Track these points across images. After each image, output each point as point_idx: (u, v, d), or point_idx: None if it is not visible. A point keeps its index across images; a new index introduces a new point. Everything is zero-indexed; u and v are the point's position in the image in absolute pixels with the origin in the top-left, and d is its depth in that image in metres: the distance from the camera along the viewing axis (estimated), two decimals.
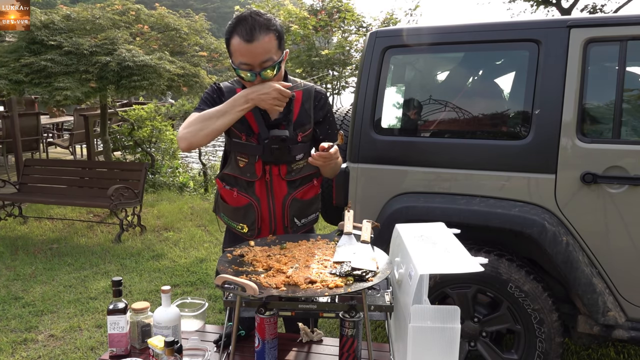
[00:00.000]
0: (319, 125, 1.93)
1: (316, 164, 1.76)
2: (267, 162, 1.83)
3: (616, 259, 2.25)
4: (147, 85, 5.38)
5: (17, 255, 4.71)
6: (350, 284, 1.35)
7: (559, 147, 2.28)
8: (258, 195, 1.86)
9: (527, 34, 2.37)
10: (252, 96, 1.68)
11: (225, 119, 1.70)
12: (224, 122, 1.70)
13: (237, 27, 1.66)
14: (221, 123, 1.70)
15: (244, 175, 1.86)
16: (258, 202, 1.86)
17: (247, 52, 1.65)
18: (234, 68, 1.72)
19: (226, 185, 1.91)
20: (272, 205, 1.87)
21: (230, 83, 1.89)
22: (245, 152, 1.84)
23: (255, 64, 1.67)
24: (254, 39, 1.63)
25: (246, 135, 1.82)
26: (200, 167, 8.49)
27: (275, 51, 1.69)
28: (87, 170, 6.35)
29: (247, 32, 1.63)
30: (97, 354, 3.04)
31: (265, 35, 1.65)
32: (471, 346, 2.47)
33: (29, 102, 10.49)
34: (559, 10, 13.92)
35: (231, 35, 1.68)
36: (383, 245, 1.70)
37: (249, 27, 1.64)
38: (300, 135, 1.86)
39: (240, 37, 1.65)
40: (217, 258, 1.66)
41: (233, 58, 1.72)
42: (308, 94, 1.89)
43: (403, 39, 2.59)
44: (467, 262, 1.27)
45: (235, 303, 1.39)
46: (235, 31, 1.67)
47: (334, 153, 1.72)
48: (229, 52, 1.74)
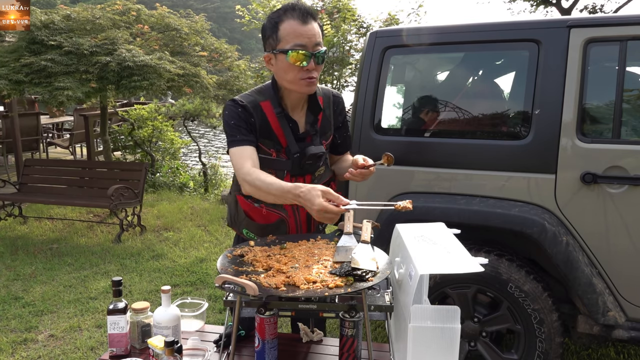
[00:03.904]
0: (338, 130, 1.92)
1: (354, 179, 1.75)
2: (294, 174, 1.80)
3: (616, 259, 2.25)
4: (147, 85, 5.38)
5: (17, 255, 4.71)
6: (350, 284, 1.35)
7: (559, 147, 2.28)
8: (286, 208, 1.82)
9: (527, 34, 2.37)
10: (301, 200, 1.55)
11: (274, 201, 1.67)
12: (273, 201, 1.67)
13: (289, 12, 1.65)
14: (270, 200, 1.68)
15: None
16: (287, 215, 1.83)
17: (304, 32, 1.63)
18: (284, 52, 1.65)
19: (255, 203, 1.81)
20: (298, 215, 1.85)
21: (250, 95, 1.79)
22: (273, 167, 1.78)
23: (310, 46, 1.64)
24: (308, 21, 1.65)
25: (276, 151, 1.78)
26: (200, 167, 8.49)
27: (322, 40, 1.69)
28: (87, 170, 6.35)
29: (302, 14, 1.64)
30: (97, 354, 3.04)
31: (315, 22, 1.67)
32: (471, 346, 2.47)
33: (29, 102, 10.49)
34: (558, 10, 13.93)
35: (281, 20, 1.66)
36: (383, 245, 1.70)
37: (303, 10, 1.65)
38: (324, 143, 1.85)
39: (294, 19, 1.64)
40: (217, 258, 1.65)
41: (283, 42, 1.65)
42: (327, 100, 1.87)
43: (403, 39, 2.59)
44: (467, 262, 1.27)
45: (235, 303, 1.39)
46: (286, 15, 1.65)
47: (374, 170, 1.75)
48: (275, 38, 1.67)
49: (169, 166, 8.45)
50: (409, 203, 1.53)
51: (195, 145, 8.84)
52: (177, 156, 8.86)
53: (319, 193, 1.48)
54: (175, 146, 8.78)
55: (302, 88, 1.70)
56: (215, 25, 34.10)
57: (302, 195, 1.51)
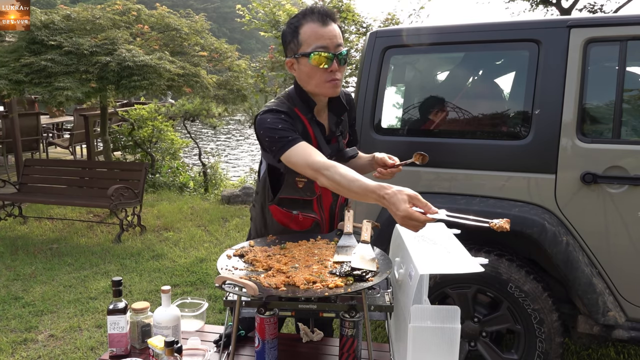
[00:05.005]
0: (351, 127, 1.94)
1: (385, 178, 1.77)
2: None
3: (616, 259, 2.25)
4: (147, 85, 5.38)
5: (17, 255, 4.71)
6: (350, 284, 1.35)
7: (559, 147, 2.28)
8: (315, 211, 1.83)
9: (527, 34, 2.37)
10: (385, 202, 1.42)
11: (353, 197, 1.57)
12: (352, 197, 1.59)
13: (308, 16, 1.65)
14: (349, 197, 1.59)
15: (304, 196, 1.78)
16: (319, 218, 1.85)
17: (324, 34, 1.62)
18: (306, 55, 1.63)
19: (292, 210, 1.80)
20: (323, 216, 1.86)
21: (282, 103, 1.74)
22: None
23: (332, 47, 1.63)
24: (328, 23, 1.64)
25: None
26: (200, 167, 8.49)
27: (342, 41, 1.69)
28: (87, 170, 6.35)
29: (321, 16, 1.63)
30: (97, 354, 3.04)
31: (334, 23, 1.67)
32: (471, 346, 2.47)
33: (29, 102, 10.49)
34: (558, 10, 13.92)
35: (300, 24, 1.65)
36: (383, 245, 1.70)
37: (322, 12, 1.64)
38: (344, 142, 1.86)
39: (314, 22, 1.63)
40: (217, 258, 1.64)
41: (304, 46, 1.64)
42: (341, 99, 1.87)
43: (403, 39, 2.59)
44: (467, 263, 1.27)
45: (235, 303, 1.39)
46: (305, 19, 1.65)
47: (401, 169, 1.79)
48: (296, 43, 1.65)
49: (169, 166, 8.45)
50: (506, 223, 1.32)
51: (195, 145, 8.84)
52: (177, 156, 8.86)
53: (405, 198, 1.34)
54: (175, 146, 8.78)
55: (327, 91, 1.69)
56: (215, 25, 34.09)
57: (387, 198, 1.38)
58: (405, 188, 1.37)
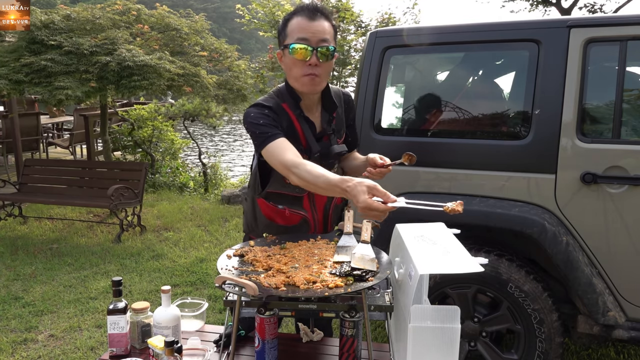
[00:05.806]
0: (349, 128, 1.94)
1: (374, 178, 1.74)
2: None
3: (616, 259, 2.25)
4: (147, 85, 5.38)
5: (17, 255, 4.71)
6: (350, 284, 1.35)
7: (559, 147, 2.28)
8: (305, 208, 1.83)
9: (527, 34, 2.37)
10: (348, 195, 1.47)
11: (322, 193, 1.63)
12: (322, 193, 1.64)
13: (299, 10, 1.68)
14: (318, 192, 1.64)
15: (292, 192, 1.78)
16: (307, 215, 1.84)
17: (307, 27, 1.64)
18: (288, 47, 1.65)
19: (278, 205, 1.81)
20: (315, 215, 1.86)
21: (271, 98, 1.77)
22: None
23: (313, 41, 1.64)
24: (316, 18, 1.66)
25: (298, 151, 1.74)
26: (200, 167, 8.49)
27: (331, 38, 1.69)
28: (87, 170, 6.35)
29: (310, 11, 1.66)
30: (97, 354, 3.04)
31: (325, 20, 1.68)
32: (471, 346, 2.47)
33: (29, 102, 10.49)
34: (558, 10, 13.92)
35: (291, 17, 1.68)
36: (383, 245, 1.70)
37: (312, 8, 1.67)
38: (339, 141, 1.85)
39: (302, 16, 1.66)
40: (217, 258, 1.64)
41: (289, 38, 1.67)
42: (339, 99, 1.87)
43: (403, 39, 2.59)
44: (467, 262, 1.27)
45: (235, 303, 1.39)
46: (296, 13, 1.68)
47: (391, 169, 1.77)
48: (284, 35, 1.69)
49: (169, 166, 8.45)
50: (458, 205, 1.40)
51: (195, 145, 8.84)
52: (177, 156, 8.86)
53: (364, 189, 1.37)
54: (176, 146, 8.78)
55: (304, 86, 1.69)
56: (215, 25, 34.11)
57: (349, 190, 1.42)
58: (365, 179, 1.42)
